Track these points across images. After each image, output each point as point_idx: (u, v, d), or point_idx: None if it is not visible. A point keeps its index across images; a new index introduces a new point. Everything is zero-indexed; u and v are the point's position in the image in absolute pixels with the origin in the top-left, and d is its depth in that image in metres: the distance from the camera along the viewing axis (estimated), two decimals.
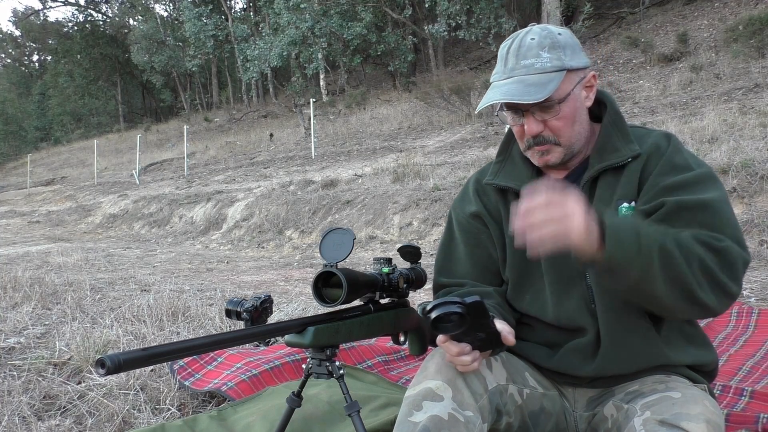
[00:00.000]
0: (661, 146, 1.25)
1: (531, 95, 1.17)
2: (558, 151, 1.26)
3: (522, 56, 1.21)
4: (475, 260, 1.39)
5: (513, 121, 1.27)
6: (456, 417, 1.08)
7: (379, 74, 25.38)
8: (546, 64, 1.20)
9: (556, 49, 1.21)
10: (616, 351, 1.23)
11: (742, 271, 1.12)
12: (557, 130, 1.24)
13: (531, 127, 1.23)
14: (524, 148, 1.30)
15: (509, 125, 1.30)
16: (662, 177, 1.21)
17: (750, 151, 5.59)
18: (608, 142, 1.27)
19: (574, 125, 1.25)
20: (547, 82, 1.19)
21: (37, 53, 50.98)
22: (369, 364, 2.32)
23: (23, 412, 1.95)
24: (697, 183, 1.18)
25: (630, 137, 1.27)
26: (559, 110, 1.22)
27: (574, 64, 1.22)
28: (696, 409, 1.05)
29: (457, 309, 1.01)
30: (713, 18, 14.70)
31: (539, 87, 1.18)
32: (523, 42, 1.23)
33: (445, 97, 13.98)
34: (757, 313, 2.65)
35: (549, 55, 1.20)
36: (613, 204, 1.24)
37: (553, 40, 1.22)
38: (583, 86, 1.26)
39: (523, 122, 1.24)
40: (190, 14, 25.26)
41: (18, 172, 29.44)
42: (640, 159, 1.25)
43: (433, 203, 7.32)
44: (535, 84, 1.18)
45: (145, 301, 3.38)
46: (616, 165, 1.25)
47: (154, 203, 12.81)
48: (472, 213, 1.40)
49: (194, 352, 1.07)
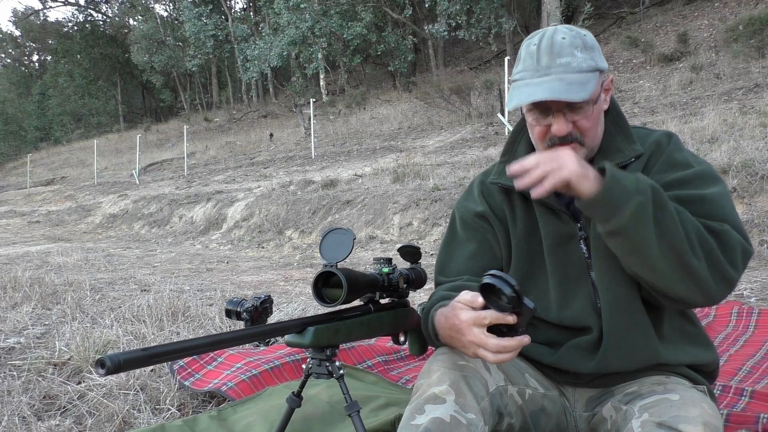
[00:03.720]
0: (662, 144, 1.26)
1: (574, 94, 1.15)
2: (581, 152, 1.23)
3: (557, 54, 1.19)
4: (477, 258, 1.38)
5: (536, 121, 1.24)
6: (458, 419, 1.08)
7: (379, 74, 25.39)
8: (582, 64, 1.18)
9: (588, 49, 1.21)
10: (618, 348, 1.23)
11: (741, 258, 1.12)
12: (585, 130, 1.22)
13: (561, 127, 1.20)
14: (544, 148, 1.26)
15: (529, 123, 1.27)
16: (662, 174, 1.21)
17: (750, 151, 5.60)
18: (612, 143, 1.28)
19: (598, 127, 1.25)
20: (585, 81, 1.17)
21: (37, 53, 51.00)
22: (369, 364, 2.32)
23: (23, 412, 1.95)
24: (697, 179, 1.19)
25: (632, 137, 1.28)
26: (591, 111, 1.21)
27: (603, 65, 1.23)
28: (694, 412, 1.05)
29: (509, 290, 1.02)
30: (713, 18, 14.70)
31: (580, 86, 1.16)
32: (554, 40, 1.20)
33: (445, 97, 13.98)
34: (757, 313, 2.65)
35: (582, 55, 1.19)
36: None
37: (583, 41, 1.21)
38: (603, 88, 1.26)
39: (551, 122, 1.22)
40: (190, 14, 25.27)
41: (18, 172, 29.44)
42: (642, 158, 1.26)
43: (433, 203, 7.32)
44: (576, 83, 1.17)
45: (145, 301, 3.38)
46: (620, 165, 1.24)
47: (154, 203, 12.81)
48: (477, 213, 1.39)
49: (194, 352, 1.06)
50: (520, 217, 1.34)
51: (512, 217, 1.36)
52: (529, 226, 1.33)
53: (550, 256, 1.30)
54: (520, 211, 1.34)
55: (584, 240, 1.27)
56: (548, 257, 1.30)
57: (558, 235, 1.29)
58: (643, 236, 1.05)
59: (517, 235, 1.34)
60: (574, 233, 1.28)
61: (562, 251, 1.29)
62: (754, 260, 4.27)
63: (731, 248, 1.10)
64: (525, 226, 1.34)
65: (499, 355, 1.06)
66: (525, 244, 1.34)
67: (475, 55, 22.21)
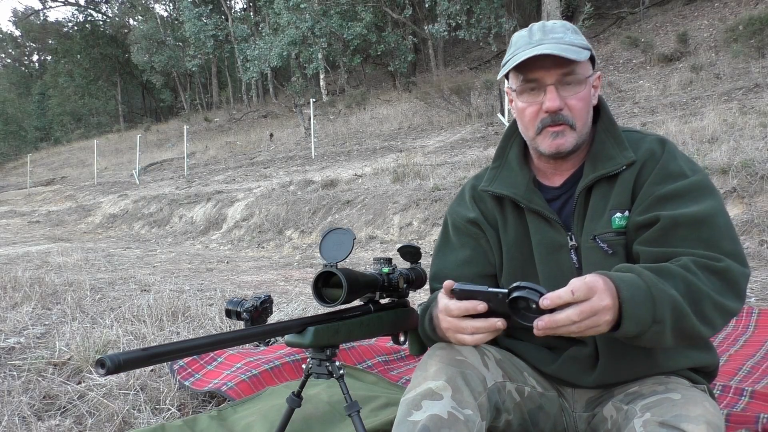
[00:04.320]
0: (655, 152, 1.24)
1: (570, 54, 1.18)
2: (572, 137, 1.24)
3: (550, 31, 1.23)
4: (471, 264, 1.38)
5: (528, 100, 1.25)
6: (455, 415, 1.08)
7: (379, 74, 25.38)
8: (574, 40, 1.22)
9: (578, 34, 1.26)
10: (615, 362, 1.23)
11: (744, 286, 1.13)
12: (576, 111, 1.23)
13: (553, 101, 1.21)
14: (535, 132, 1.26)
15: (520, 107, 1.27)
16: (656, 186, 1.20)
17: (750, 151, 5.60)
18: (602, 150, 1.26)
19: (588, 113, 1.26)
20: (578, 51, 1.21)
21: (37, 53, 51.02)
22: (369, 364, 2.32)
23: (23, 412, 1.95)
24: (691, 192, 1.18)
25: (624, 144, 1.26)
26: (583, 88, 1.23)
27: (593, 52, 1.26)
28: (696, 411, 1.05)
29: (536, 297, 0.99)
30: (713, 18, 14.70)
31: (574, 52, 1.19)
32: (546, 24, 1.26)
33: (445, 97, 13.98)
34: (757, 313, 2.65)
35: (574, 36, 1.23)
36: (606, 214, 1.23)
37: (574, 28, 1.26)
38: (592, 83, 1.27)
39: (543, 100, 1.22)
40: (190, 14, 25.27)
41: (18, 172, 29.44)
42: (634, 166, 1.23)
43: (433, 203, 7.32)
44: (569, 50, 1.19)
45: (145, 301, 3.38)
46: (611, 174, 1.24)
47: (154, 203, 12.81)
48: (469, 219, 1.39)
49: (194, 352, 1.06)
50: (511, 224, 1.34)
51: (504, 224, 1.35)
52: (520, 234, 1.33)
53: (540, 265, 1.30)
54: (511, 218, 1.34)
55: (575, 249, 1.27)
56: (539, 265, 1.30)
57: (549, 243, 1.29)
58: (658, 342, 1.07)
59: (508, 242, 1.34)
60: (565, 242, 1.28)
61: (553, 260, 1.29)
62: (755, 260, 4.27)
63: (735, 284, 1.11)
64: (516, 233, 1.33)
65: (475, 336, 1.10)
66: (516, 251, 1.33)
67: (475, 55, 22.22)
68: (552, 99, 1.21)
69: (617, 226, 1.22)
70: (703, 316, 1.06)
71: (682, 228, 1.14)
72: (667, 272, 1.07)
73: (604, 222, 1.23)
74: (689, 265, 1.09)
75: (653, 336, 1.03)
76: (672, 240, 1.14)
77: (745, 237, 4.70)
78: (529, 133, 1.28)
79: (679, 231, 1.14)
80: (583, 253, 1.25)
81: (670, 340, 1.06)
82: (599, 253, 1.23)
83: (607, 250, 1.22)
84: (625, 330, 1.01)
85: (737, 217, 4.91)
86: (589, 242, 1.24)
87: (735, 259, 1.12)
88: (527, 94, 1.25)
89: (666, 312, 1.02)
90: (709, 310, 1.07)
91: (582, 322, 0.97)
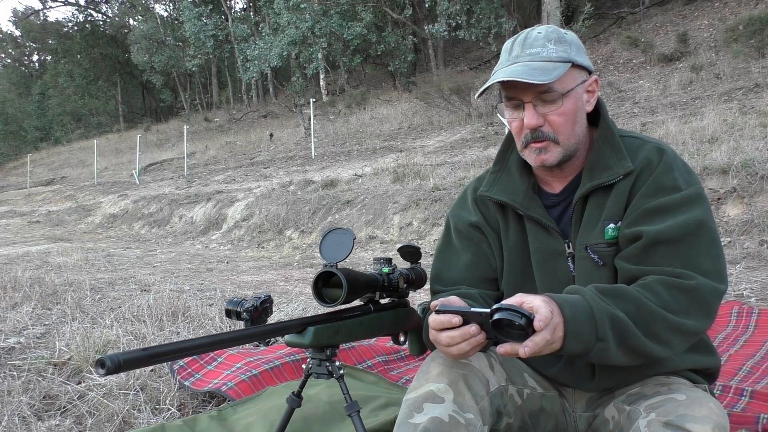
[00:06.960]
0: (652, 162, 1.22)
1: (535, 77, 1.15)
2: (556, 151, 1.23)
3: (528, 46, 1.22)
4: (472, 267, 1.37)
5: (511, 115, 1.25)
6: (456, 419, 1.08)
7: (379, 74, 25.38)
8: (552, 54, 1.20)
9: (563, 43, 1.22)
10: (614, 370, 1.23)
11: (715, 304, 1.13)
12: (557, 126, 1.21)
13: (530, 119, 1.20)
14: (521, 146, 1.27)
15: (507, 120, 1.28)
16: (646, 198, 1.19)
17: (750, 151, 5.60)
18: (600, 159, 1.25)
19: (574, 125, 1.23)
20: (552, 69, 1.18)
21: (37, 53, 50.96)
22: (369, 364, 2.32)
23: (23, 412, 1.95)
24: (680, 206, 1.16)
25: (622, 152, 1.24)
26: (561, 103, 1.20)
27: (579, 60, 1.22)
28: (702, 411, 1.05)
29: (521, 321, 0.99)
30: (713, 18, 14.70)
31: (544, 72, 1.17)
32: (529, 35, 1.24)
33: (445, 97, 13.98)
34: (757, 313, 2.65)
35: (555, 47, 1.21)
36: (600, 224, 1.23)
37: (559, 36, 1.23)
38: (585, 89, 1.25)
39: (523, 115, 1.22)
40: (190, 14, 25.25)
41: (18, 172, 29.43)
42: (630, 176, 1.22)
43: (433, 203, 7.32)
44: (540, 69, 1.17)
45: (145, 301, 3.38)
46: (607, 184, 1.23)
47: (154, 203, 12.81)
48: (471, 223, 1.39)
49: (194, 352, 1.06)
50: (512, 230, 1.34)
51: (505, 229, 1.35)
52: (520, 240, 1.33)
53: (538, 272, 1.30)
54: (513, 224, 1.34)
55: (572, 257, 1.27)
56: (537, 272, 1.30)
57: (547, 251, 1.29)
58: (607, 360, 1.08)
59: (509, 246, 1.34)
60: (562, 250, 1.28)
61: (550, 267, 1.29)
62: (754, 260, 4.26)
63: (704, 302, 1.11)
64: (517, 239, 1.33)
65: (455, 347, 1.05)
66: (516, 256, 1.33)
67: (475, 55, 22.21)
68: (529, 117, 1.21)
69: (609, 237, 1.22)
70: (654, 335, 1.07)
71: (662, 246, 1.14)
72: (619, 293, 1.09)
73: (597, 232, 1.23)
74: (652, 285, 1.10)
75: (599, 353, 1.05)
76: (651, 257, 1.15)
77: (745, 237, 4.70)
78: (518, 145, 1.29)
79: (659, 249, 1.14)
80: (576, 263, 1.26)
81: (621, 357, 1.07)
82: (590, 264, 1.23)
83: (597, 261, 1.22)
84: (569, 347, 1.02)
85: (737, 217, 4.92)
86: (582, 252, 1.24)
87: (711, 277, 1.12)
88: (511, 109, 1.25)
89: (607, 330, 1.04)
90: (662, 330, 1.08)
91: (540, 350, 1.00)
